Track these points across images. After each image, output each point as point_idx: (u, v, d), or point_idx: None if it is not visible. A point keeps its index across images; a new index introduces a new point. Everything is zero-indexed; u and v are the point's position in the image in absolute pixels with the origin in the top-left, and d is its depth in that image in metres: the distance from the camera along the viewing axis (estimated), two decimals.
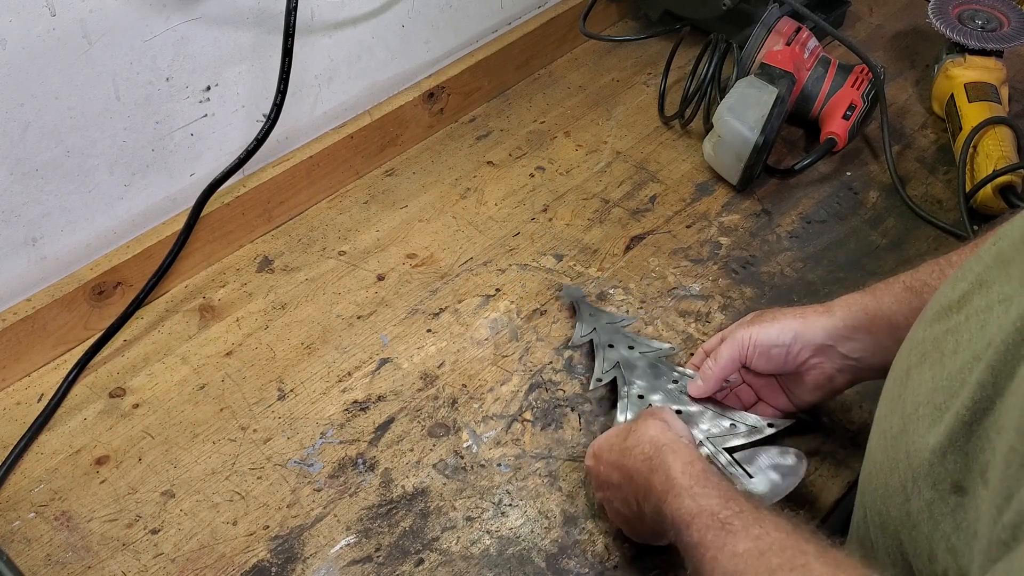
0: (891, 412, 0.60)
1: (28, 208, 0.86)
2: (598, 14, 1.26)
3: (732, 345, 0.79)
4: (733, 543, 0.58)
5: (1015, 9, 1.15)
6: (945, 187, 1.09)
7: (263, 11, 0.93)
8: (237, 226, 1.02)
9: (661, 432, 0.70)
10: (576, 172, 1.12)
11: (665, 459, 0.67)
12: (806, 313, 0.78)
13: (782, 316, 0.79)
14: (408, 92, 1.12)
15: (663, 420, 0.72)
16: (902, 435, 0.58)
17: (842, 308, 0.76)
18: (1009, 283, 0.53)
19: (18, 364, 0.90)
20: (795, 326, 0.77)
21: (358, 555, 0.78)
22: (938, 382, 0.55)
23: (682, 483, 0.64)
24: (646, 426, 0.71)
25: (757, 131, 1.02)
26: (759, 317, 0.80)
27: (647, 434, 0.70)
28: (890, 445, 0.60)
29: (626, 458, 0.71)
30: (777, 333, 0.77)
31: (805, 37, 1.11)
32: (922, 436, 0.55)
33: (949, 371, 0.54)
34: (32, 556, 0.78)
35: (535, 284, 0.99)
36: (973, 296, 0.55)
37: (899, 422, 0.58)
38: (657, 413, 0.74)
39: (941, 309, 0.58)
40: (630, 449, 0.71)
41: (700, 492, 0.63)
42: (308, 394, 0.90)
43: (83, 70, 0.83)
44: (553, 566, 0.77)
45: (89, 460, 0.85)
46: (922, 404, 0.56)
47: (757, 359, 0.79)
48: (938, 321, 0.57)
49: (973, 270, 0.57)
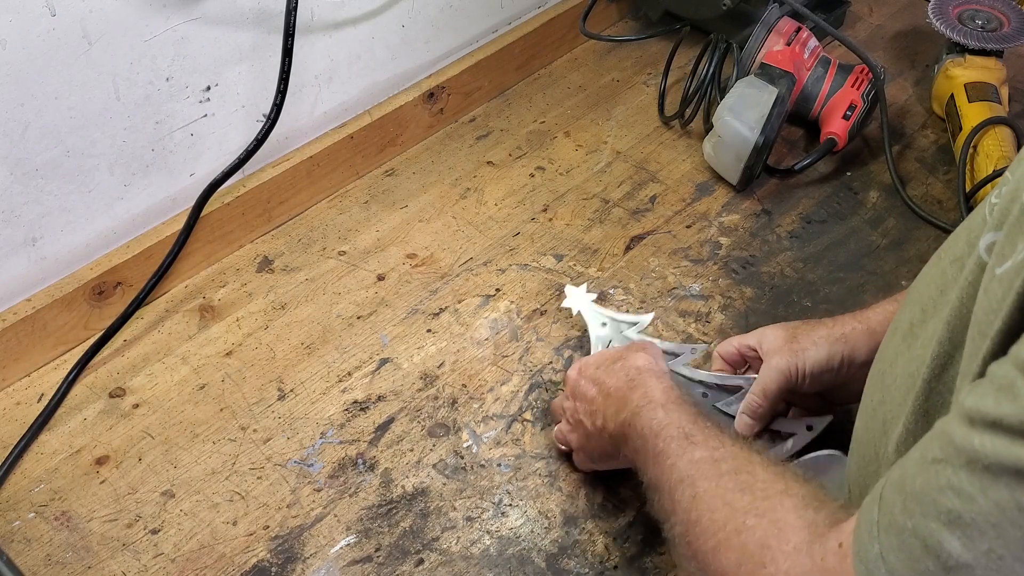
0: (872, 388, 0.64)
1: (28, 208, 0.86)
2: (598, 14, 1.26)
3: (779, 379, 0.76)
4: (692, 451, 0.63)
5: (1015, 9, 1.15)
6: (945, 187, 1.09)
7: (263, 11, 0.93)
8: (237, 226, 1.02)
9: (647, 363, 0.74)
10: (576, 172, 1.12)
11: (647, 380, 0.72)
12: (846, 335, 0.76)
13: (821, 340, 0.76)
14: (408, 92, 1.12)
15: (650, 354, 0.76)
16: (880, 406, 0.61)
17: (882, 324, 0.75)
18: (958, 245, 0.57)
19: (18, 364, 0.90)
20: (841, 350, 0.76)
21: (358, 555, 0.78)
22: (913, 351, 0.58)
23: (659, 399, 0.69)
24: (635, 356, 0.75)
25: (757, 131, 1.02)
26: (796, 343, 0.77)
27: (634, 362, 0.74)
28: (869, 417, 0.64)
29: (608, 376, 0.75)
30: (826, 359, 0.76)
31: (805, 37, 1.11)
32: (898, 404, 0.58)
33: (921, 339, 0.57)
34: (32, 556, 0.78)
35: (535, 284, 0.99)
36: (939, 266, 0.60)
37: (878, 394, 0.62)
38: (647, 347, 0.77)
39: (920, 290, 0.61)
40: (615, 370, 0.75)
41: (674, 408, 0.68)
42: (308, 394, 0.90)
43: (83, 70, 0.83)
44: (553, 566, 0.77)
45: (89, 460, 0.85)
46: (900, 375, 0.59)
47: (808, 386, 0.77)
48: (919, 301, 0.61)
49: None
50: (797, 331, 0.78)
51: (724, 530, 0.57)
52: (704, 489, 0.60)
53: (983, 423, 0.43)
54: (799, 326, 0.79)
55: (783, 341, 0.78)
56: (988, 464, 0.42)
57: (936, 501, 0.44)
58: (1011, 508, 0.41)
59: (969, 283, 0.51)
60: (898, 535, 0.46)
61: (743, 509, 0.57)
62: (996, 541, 0.42)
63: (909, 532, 0.46)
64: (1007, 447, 0.42)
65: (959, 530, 0.43)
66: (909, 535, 0.46)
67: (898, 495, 0.47)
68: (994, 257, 0.48)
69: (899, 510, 0.47)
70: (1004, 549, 0.42)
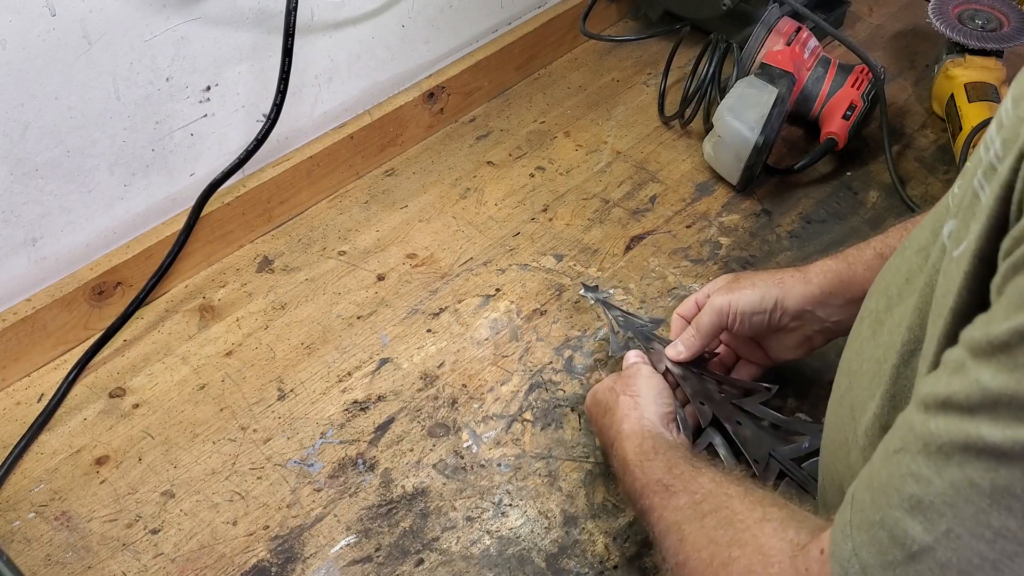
0: (840, 375, 0.66)
1: (28, 208, 0.86)
2: (598, 14, 1.26)
3: (712, 313, 0.81)
4: (675, 500, 0.65)
5: (1015, 9, 1.15)
6: (945, 187, 1.09)
7: (263, 11, 0.93)
8: (237, 226, 1.02)
9: (625, 417, 0.76)
10: (576, 172, 1.12)
11: (622, 445, 0.73)
12: (783, 279, 0.80)
13: (760, 282, 0.81)
14: (408, 92, 1.12)
15: (633, 397, 0.77)
16: (847, 392, 0.63)
17: (818, 275, 0.79)
18: (923, 235, 0.58)
19: (18, 364, 0.90)
20: (775, 293, 0.79)
21: (358, 555, 0.78)
22: (879, 339, 0.59)
23: (633, 462, 0.71)
24: (619, 408, 0.77)
25: (757, 131, 1.02)
26: (736, 283, 0.82)
27: (616, 417, 0.76)
28: (837, 404, 0.65)
29: (602, 433, 0.79)
30: (759, 300, 0.80)
31: (805, 37, 1.11)
32: (864, 390, 0.59)
33: (888, 327, 0.59)
34: (32, 556, 0.78)
35: (535, 284, 0.99)
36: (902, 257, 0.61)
37: (846, 381, 0.64)
38: (631, 386, 0.78)
39: (887, 279, 0.63)
40: (606, 428, 0.77)
41: (648, 466, 0.70)
42: (308, 394, 0.90)
43: (83, 70, 0.83)
44: (553, 566, 0.77)
45: (89, 460, 0.85)
46: (866, 361, 0.60)
47: (739, 325, 0.81)
48: (885, 291, 0.62)
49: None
50: (740, 276, 0.83)
51: (711, 566, 0.58)
52: (689, 532, 0.62)
53: (935, 406, 0.44)
54: (745, 272, 0.85)
55: (724, 283, 0.83)
56: (941, 445, 0.43)
57: (899, 489, 0.45)
58: (964, 485, 0.42)
59: (935, 270, 0.52)
60: (868, 530, 0.47)
61: (726, 543, 0.58)
62: (953, 520, 0.43)
63: (877, 525, 0.46)
64: (957, 425, 0.43)
65: (920, 514, 0.44)
66: (878, 528, 0.46)
67: (867, 492, 0.48)
68: (951, 242, 0.50)
69: (868, 505, 0.47)
70: (961, 527, 0.43)
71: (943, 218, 0.54)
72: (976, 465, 0.42)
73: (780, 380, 0.85)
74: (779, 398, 0.87)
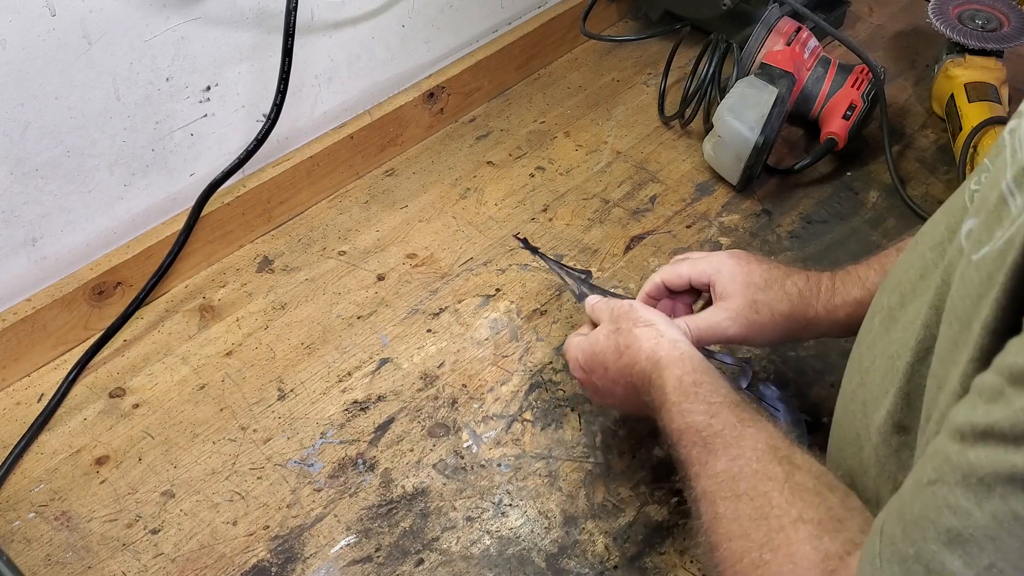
0: (851, 370, 0.65)
1: (28, 208, 0.86)
2: (598, 14, 1.26)
3: (715, 330, 0.77)
4: (713, 462, 0.62)
5: (1015, 9, 1.15)
6: (945, 187, 1.09)
7: (263, 11, 0.93)
8: (237, 226, 1.02)
9: (655, 344, 0.71)
10: (576, 172, 1.12)
11: (661, 376, 0.69)
12: (808, 317, 0.76)
13: (780, 319, 0.76)
14: (408, 92, 1.12)
15: (650, 327, 0.72)
16: (860, 388, 0.61)
17: (846, 314, 0.76)
18: (937, 231, 0.57)
19: (18, 364, 0.90)
20: (788, 330, 0.77)
21: (358, 555, 0.78)
22: (892, 335, 0.58)
23: (672, 399, 0.67)
24: (638, 340, 0.72)
25: (757, 131, 1.02)
26: (755, 312, 0.76)
27: (642, 350, 0.71)
28: (848, 399, 0.64)
29: (625, 374, 0.72)
30: (771, 336, 0.77)
31: (805, 37, 1.11)
32: (877, 386, 0.58)
33: (901, 323, 0.58)
34: (32, 556, 0.78)
35: (535, 284, 0.99)
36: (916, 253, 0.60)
37: (857, 377, 0.62)
38: (638, 319, 0.74)
39: (899, 275, 0.62)
40: (628, 368, 0.72)
41: (687, 408, 0.65)
42: (308, 394, 0.90)
43: (83, 70, 0.83)
44: (553, 566, 0.77)
45: (89, 460, 0.85)
46: (878, 356, 0.59)
47: None
48: (898, 286, 0.61)
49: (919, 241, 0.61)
50: (757, 300, 0.77)
51: (742, 562, 0.57)
52: (723, 511, 0.60)
53: (974, 435, 0.42)
54: (764, 295, 0.77)
55: (746, 308, 0.77)
56: (982, 476, 0.42)
57: (935, 522, 0.43)
58: (1007, 518, 0.41)
59: (952, 269, 0.51)
60: (901, 563, 0.45)
61: (759, 542, 0.56)
62: (995, 554, 0.41)
63: (912, 559, 0.45)
64: (1000, 455, 0.41)
65: (959, 548, 0.42)
66: (912, 562, 0.45)
67: (898, 524, 0.47)
68: (971, 243, 0.48)
69: (900, 538, 0.46)
70: (1004, 562, 0.41)
71: (960, 216, 0.53)
72: (1021, 497, 0.40)
73: (781, 380, 0.85)
74: None
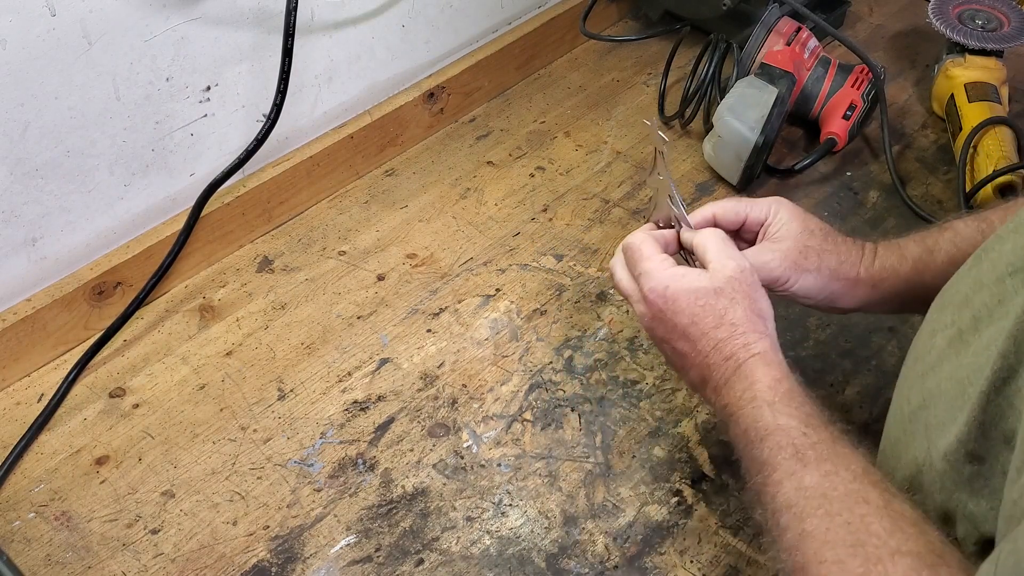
0: (911, 389, 0.60)
1: (28, 208, 0.86)
2: (598, 14, 1.26)
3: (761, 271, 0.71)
4: (802, 474, 0.57)
5: (1015, 9, 1.15)
6: (945, 187, 1.09)
7: (263, 11, 0.93)
8: (237, 226, 1.02)
9: (755, 333, 0.65)
10: (576, 172, 1.12)
11: (754, 370, 0.63)
12: (849, 278, 0.73)
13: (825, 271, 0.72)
14: (408, 92, 1.12)
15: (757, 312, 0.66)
16: (921, 410, 0.58)
17: (885, 280, 0.73)
18: (1015, 253, 0.54)
19: (18, 364, 0.90)
20: (833, 289, 0.73)
21: (358, 555, 0.78)
22: (962, 359, 0.55)
23: (766, 397, 0.62)
24: (742, 317, 0.66)
25: (757, 131, 1.02)
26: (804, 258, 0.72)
27: (738, 331, 0.65)
28: (907, 420, 0.60)
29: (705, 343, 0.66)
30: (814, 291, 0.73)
31: (805, 37, 1.11)
32: (944, 411, 0.55)
33: (974, 348, 0.54)
34: (32, 556, 0.78)
35: (535, 284, 0.99)
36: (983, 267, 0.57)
37: (919, 398, 0.58)
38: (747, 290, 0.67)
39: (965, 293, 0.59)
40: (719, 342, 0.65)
41: (782, 410, 0.61)
42: (308, 394, 0.90)
43: (83, 70, 0.83)
44: (553, 566, 0.77)
45: (89, 460, 0.85)
46: (945, 380, 0.56)
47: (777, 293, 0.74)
48: (966, 305, 0.58)
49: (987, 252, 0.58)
50: (809, 247, 0.73)
51: None
52: (813, 530, 0.55)
53: None
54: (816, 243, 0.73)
55: (796, 252, 0.72)
56: None
57: None
58: None
59: None
60: None
61: (854, 572, 0.52)
62: None
63: None
64: None
65: None
66: None
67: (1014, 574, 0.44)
68: None
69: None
70: None
71: None
72: None
73: None
74: None
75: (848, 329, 0.94)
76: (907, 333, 0.93)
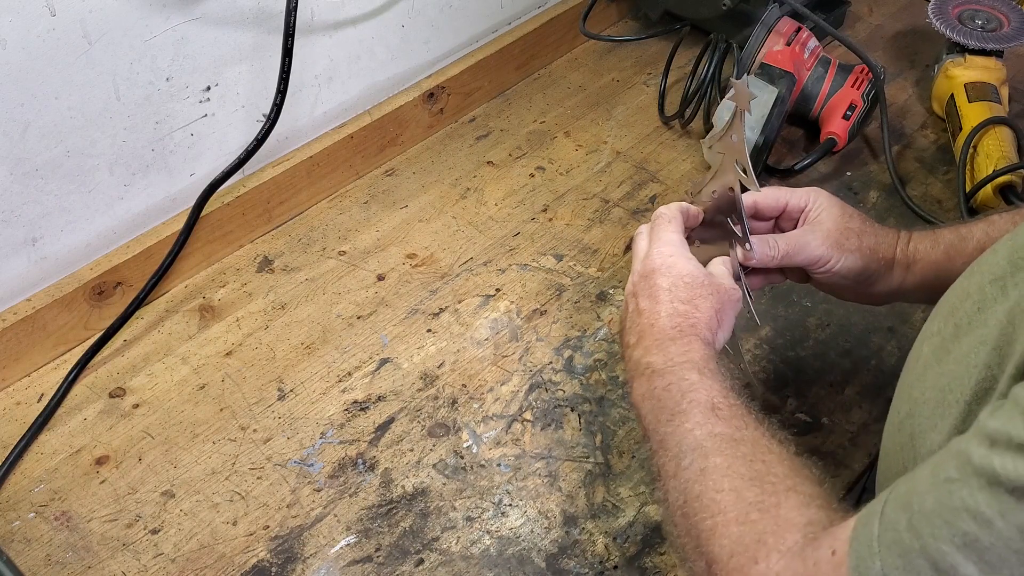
0: (899, 399, 0.63)
1: (28, 208, 0.86)
2: (598, 14, 1.26)
3: (802, 254, 0.76)
4: (714, 423, 0.62)
5: (1015, 9, 1.15)
6: (945, 187, 1.09)
7: (263, 11, 0.93)
8: (237, 226, 1.02)
9: (708, 330, 0.69)
10: (576, 172, 1.12)
11: (694, 344, 0.67)
12: (889, 260, 0.76)
13: (867, 250, 0.76)
14: (408, 92, 1.12)
15: (718, 323, 0.70)
16: (908, 419, 0.59)
17: (922, 268, 0.76)
18: (998, 263, 0.55)
19: (18, 364, 0.90)
20: (874, 268, 0.76)
21: (358, 555, 0.78)
22: (943, 367, 0.56)
23: (698, 362, 0.66)
24: (704, 307, 0.70)
25: (757, 131, 1.02)
26: (845, 238, 0.75)
27: (697, 315, 0.69)
28: (896, 429, 0.62)
29: (665, 307, 0.70)
30: (854, 271, 0.76)
31: (805, 37, 1.11)
32: (927, 419, 0.56)
33: (954, 356, 0.56)
34: (32, 556, 0.78)
35: (535, 284, 0.99)
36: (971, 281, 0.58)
37: (906, 407, 0.60)
38: (725, 306, 0.72)
39: (952, 303, 0.60)
40: (676, 313, 0.69)
41: (709, 376, 0.65)
42: (308, 394, 0.90)
43: (83, 70, 0.83)
44: (553, 566, 0.77)
45: (89, 460, 0.85)
46: (929, 388, 0.57)
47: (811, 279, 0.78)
48: (951, 314, 0.59)
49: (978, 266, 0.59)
50: (849, 228, 0.76)
51: (724, 515, 0.56)
52: (714, 465, 0.59)
53: (1007, 445, 0.42)
54: (856, 225, 0.77)
55: (837, 232, 0.76)
56: (1012, 488, 0.41)
57: (950, 523, 0.43)
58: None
59: (1019, 310, 0.50)
60: (903, 555, 0.45)
61: (749, 501, 0.56)
62: (1019, 568, 0.41)
63: (917, 552, 0.44)
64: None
65: (975, 555, 0.42)
66: (916, 555, 0.44)
67: (903, 512, 0.46)
68: None
69: (904, 528, 0.45)
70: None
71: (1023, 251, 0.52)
72: None
73: (781, 380, 0.85)
74: (778, 398, 0.87)
75: (848, 329, 0.94)
76: (907, 333, 0.93)
